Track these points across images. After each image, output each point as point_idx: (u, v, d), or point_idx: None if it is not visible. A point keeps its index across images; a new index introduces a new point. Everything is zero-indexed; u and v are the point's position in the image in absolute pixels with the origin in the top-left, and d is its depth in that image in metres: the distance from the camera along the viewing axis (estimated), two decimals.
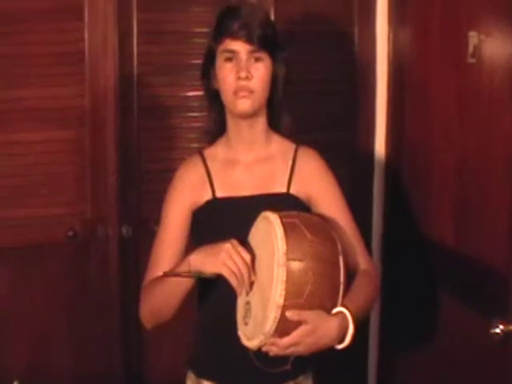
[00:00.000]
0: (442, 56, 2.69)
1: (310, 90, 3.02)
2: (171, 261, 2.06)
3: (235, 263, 1.84)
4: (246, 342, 1.89)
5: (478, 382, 2.49)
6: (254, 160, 2.14)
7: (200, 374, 2.17)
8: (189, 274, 1.91)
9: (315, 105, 3.07)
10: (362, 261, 2.12)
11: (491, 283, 2.37)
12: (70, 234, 2.86)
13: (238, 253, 1.85)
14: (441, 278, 2.73)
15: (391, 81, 3.08)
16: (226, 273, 1.85)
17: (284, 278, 1.77)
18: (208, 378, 2.14)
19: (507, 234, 2.27)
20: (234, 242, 1.87)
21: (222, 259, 1.84)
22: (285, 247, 1.79)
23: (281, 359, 1.93)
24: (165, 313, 2.07)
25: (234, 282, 1.85)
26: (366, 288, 2.04)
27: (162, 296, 2.04)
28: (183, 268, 1.92)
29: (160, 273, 2.02)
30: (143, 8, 2.87)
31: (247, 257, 1.86)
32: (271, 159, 2.15)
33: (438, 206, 2.73)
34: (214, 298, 2.10)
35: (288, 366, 1.96)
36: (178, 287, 1.98)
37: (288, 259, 1.78)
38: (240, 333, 1.93)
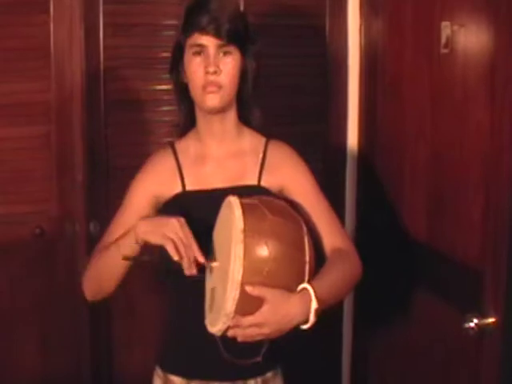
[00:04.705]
0: (414, 47, 2.67)
1: (281, 83, 3.00)
2: None
3: (178, 237, 1.85)
4: (210, 329, 1.87)
5: (451, 376, 2.48)
6: (224, 154, 2.13)
7: (167, 370, 2.16)
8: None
9: (287, 98, 3.04)
10: (338, 241, 2.08)
11: (465, 277, 2.36)
12: (37, 231, 2.82)
13: (182, 228, 1.86)
14: (414, 272, 2.71)
15: (363, 73, 3.06)
16: (167, 244, 1.85)
17: (241, 255, 1.75)
18: (175, 374, 2.14)
19: (480, 228, 2.25)
20: (181, 219, 1.88)
21: (165, 232, 1.85)
22: (242, 225, 1.78)
23: (251, 350, 1.91)
24: (106, 283, 2.06)
25: (173, 254, 1.84)
26: (337, 265, 2.00)
27: (105, 265, 2.03)
28: (129, 239, 1.93)
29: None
30: (110, 0, 2.81)
31: (189, 234, 1.86)
32: (242, 153, 2.14)
33: (411, 199, 2.72)
34: (182, 291, 2.08)
35: (259, 358, 1.94)
36: (119, 259, 1.97)
37: (246, 236, 1.77)
38: (206, 321, 1.91)
